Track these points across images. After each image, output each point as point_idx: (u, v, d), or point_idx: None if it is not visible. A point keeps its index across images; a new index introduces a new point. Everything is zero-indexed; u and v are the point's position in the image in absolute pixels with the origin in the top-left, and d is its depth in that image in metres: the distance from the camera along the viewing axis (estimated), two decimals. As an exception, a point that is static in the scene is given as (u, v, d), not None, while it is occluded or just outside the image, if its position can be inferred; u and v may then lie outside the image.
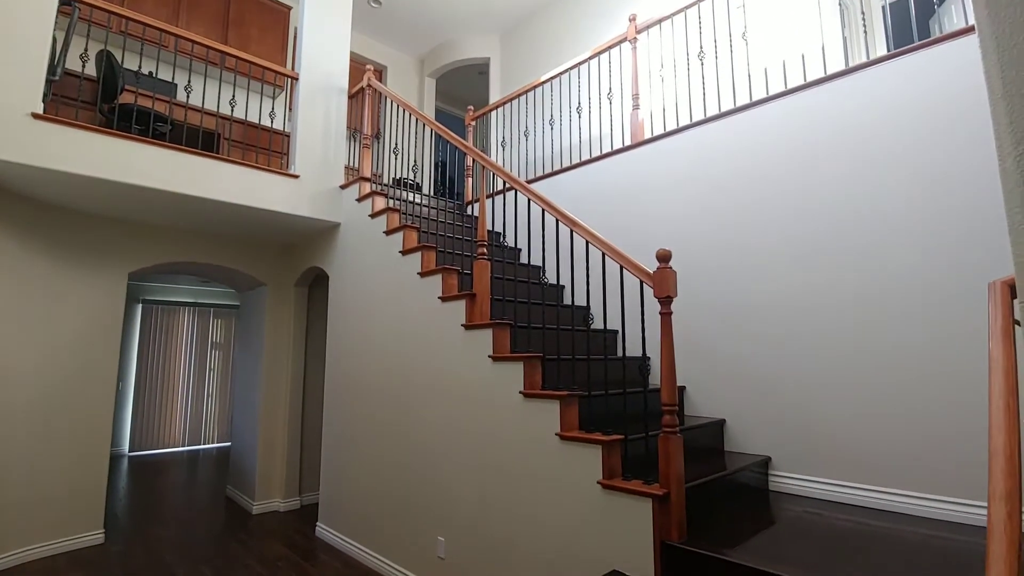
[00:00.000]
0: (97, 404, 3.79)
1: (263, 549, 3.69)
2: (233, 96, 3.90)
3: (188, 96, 3.75)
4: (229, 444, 5.48)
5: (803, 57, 2.93)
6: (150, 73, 4.34)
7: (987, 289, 1.44)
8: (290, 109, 4.24)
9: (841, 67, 2.70)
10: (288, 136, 4.24)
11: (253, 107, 4.70)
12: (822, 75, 2.73)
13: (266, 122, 4.80)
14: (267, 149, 4.22)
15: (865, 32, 2.97)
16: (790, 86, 2.84)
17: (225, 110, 4.36)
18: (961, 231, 2.22)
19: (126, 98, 3.94)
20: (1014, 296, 1.37)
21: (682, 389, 3.04)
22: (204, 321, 7.61)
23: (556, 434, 2.30)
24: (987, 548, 0.89)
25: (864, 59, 2.64)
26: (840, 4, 3.31)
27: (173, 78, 3.93)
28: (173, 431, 7.24)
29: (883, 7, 3.90)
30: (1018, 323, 1.27)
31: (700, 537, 1.97)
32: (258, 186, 3.73)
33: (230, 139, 4.31)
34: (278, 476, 4.59)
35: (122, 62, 3.59)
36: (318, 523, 3.95)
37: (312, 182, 4.04)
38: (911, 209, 2.36)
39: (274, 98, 4.69)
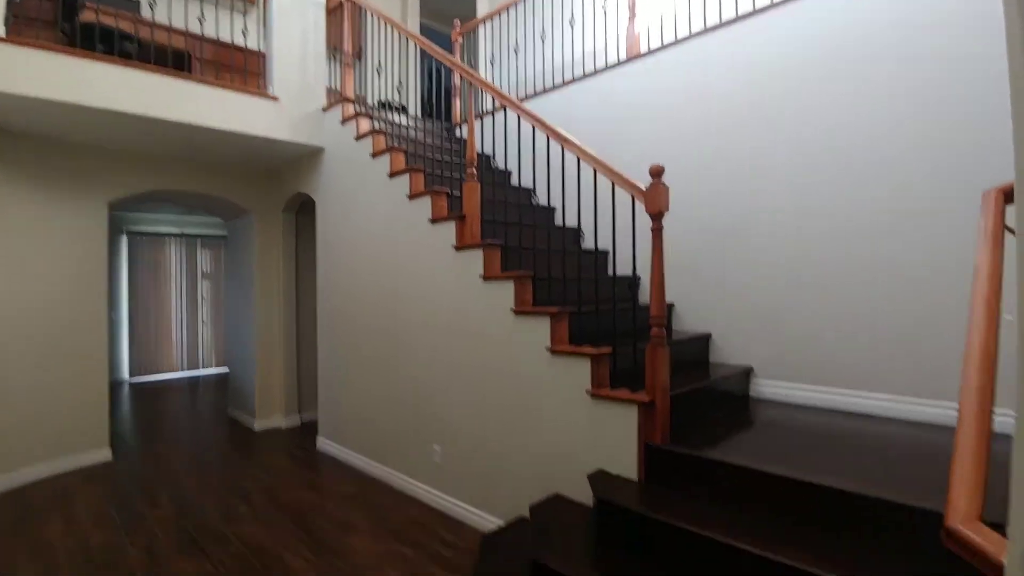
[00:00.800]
0: (91, 329, 3.82)
1: (267, 460, 3.89)
2: (201, 12, 3.65)
3: (153, 12, 3.50)
4: (227, 370, 5.60)
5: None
6: (110, -15, 4.02)
7: (981, 198, 1.46)
8: (264, 26, 3.99)
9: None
10: (264, 56, 4.01)
11: (225, 24, 4.41)
12: (826, -22, 2.59)
13: (239, 40, 4.52)
14: (242, 70, 4.01)
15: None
16: (791, -8, 2.70)
17: (194, 28, 4.09)
18: (946, 144, 2.21)
19: (87, 16, 3.67)
20: (1008, 201, 1.40)
21: (671, 306, 3.12)
22: (191, 251, 7.54)
23: (547, 348, 2.38)
24: (956, 440, 0.92)
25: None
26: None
27: (135, -10, 3.65)
28: (171, 358, 7.38)
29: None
30: (1010, 230, 1.30)
31: (683, 440, 2.10)
32: (235, 109, 3.58)
33: (202, 59, 4.09)
34: (277, 395, 4.74)
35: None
36: (318, 436, 4.14)
37: (292, 104, 3.88)
38: (901, 124, 2.34)
39: (245, 14, 4.39)
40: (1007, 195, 1.40)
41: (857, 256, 2.46)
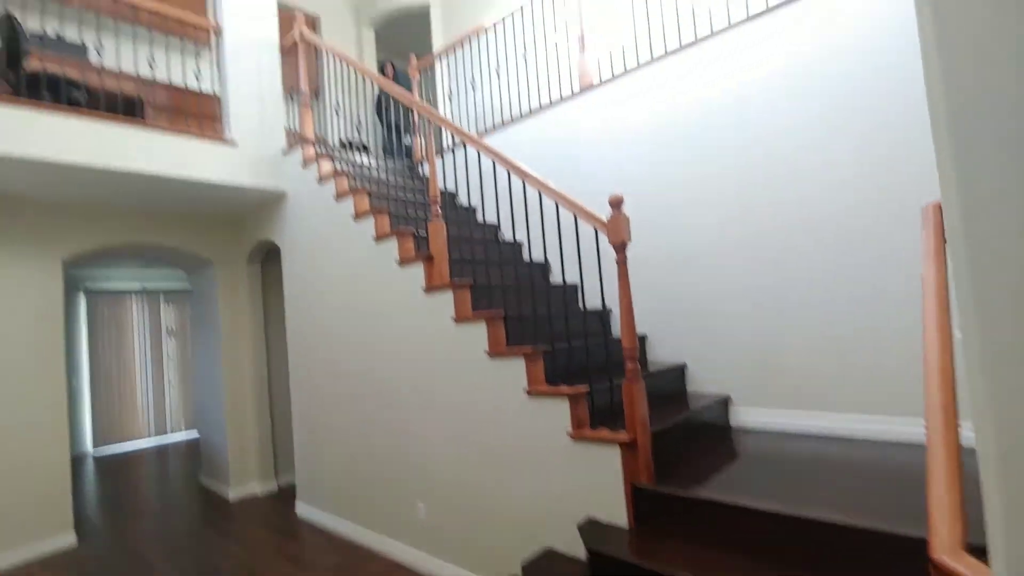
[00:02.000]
0: (48, 402, 3.56)
1: (244, 533, 3.65)
2: (151, 55, 3.57)
3: (101, 57, 3.41)
4: (196, 433, 5.33)
5: (751, -12, 2.85)
6: (57, 36, 3.92)
7: (920, 212, 1.45)
8: (218, 68, 3.92)
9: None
10: (219, 99, 3.94)
11: (176, 68, 4.33)
12: (763, 8, 2.66)
13: (192, 84, 4.44)
14: (197, 114, 3.91)
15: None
16: (733, 22, 2.76)
17: (145, 72, 3.99)
18: (895, 160, 2.25)
19: (33, 65, 3.55)
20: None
21: (643, 338, 3.07)
22: (155, 307, 7.26)
23: (524, 389, 2.29)
24: (927, 458, 0.92)
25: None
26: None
27: (81, 39, 3.55)
28: (137, 424, 6.99)
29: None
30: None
31: (669, 477, 2.02)
32: (192, 155, 3.48)
33: (155, 105, 3.99)
34: (252, 459, 4.50)
35: (22, 23, 3.21)
36: (297, 501, 3.92)
37: (250, 148, 3.79)
38: (850, 142, 2.37)
39: (197, 57, 4.32)
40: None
41: (824, 277, 2.46)
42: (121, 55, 3.95)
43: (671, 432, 2.26)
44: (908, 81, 2.22)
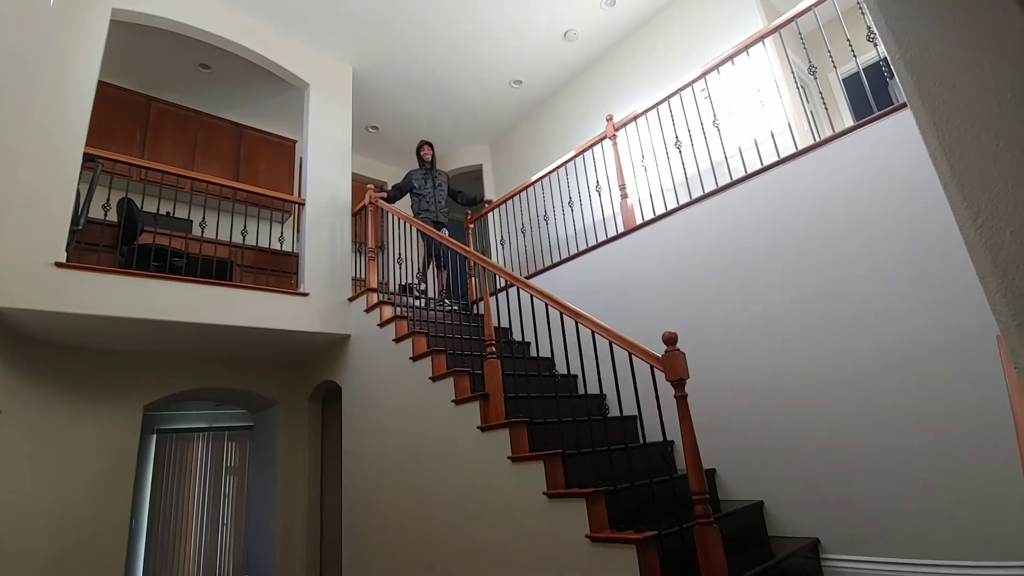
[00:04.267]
0: (109, 545, 3.65)
1: None
2: (244, 226, 4.14)
3: (203, 231, 3.99)
4: (246, 577, 5.18)
5: (772, 134, 3.13)
6: (167, 213, 4.65)
7: (996, 342, 1.44)
8: (298, 231, 4.48)
9: (809, 143, 2.87)
10: (297, 256, 4.44)
11: (264, 233, 4.97)
12: (793, 151, 2.89)
13: (275, 246, 5.05)
14: (277, 271, 4.41)
15: (826, 107, 3.19)
16: (765, 163, 3.00)
17: (237, 239, 4.61)
18: (960, 286, 2.24)
19: (145, 238, 4.19)
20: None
21: (712, 471, 2.92)
22: (219, 445, 7.47)
23: (586, 536, 2.18)
24: None
25: (830, 132, 2.81)
26: (798, 85, 3.58)
27: (189, 215, 4.19)
28: (188, 567, 6.86)
29: (840, 82, 4.20)
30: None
31: (756, 641, 1.81)
32: (270, 307, 3.85)
33: (243, 265, 4.52)
34: (299, 608, 4.29)
35: (141, 206, 3.86)
36: (342, 660, 3.63)
37: (321, 298, 4.17)
38: (911, 270, 2.40)
39: (283, 223, 4.97)
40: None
41: (906, 410, 2.33)
42: (219, 226, 4.59)
43: (754, 584, 2.05)
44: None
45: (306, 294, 4.08)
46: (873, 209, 2.53)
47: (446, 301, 4.59)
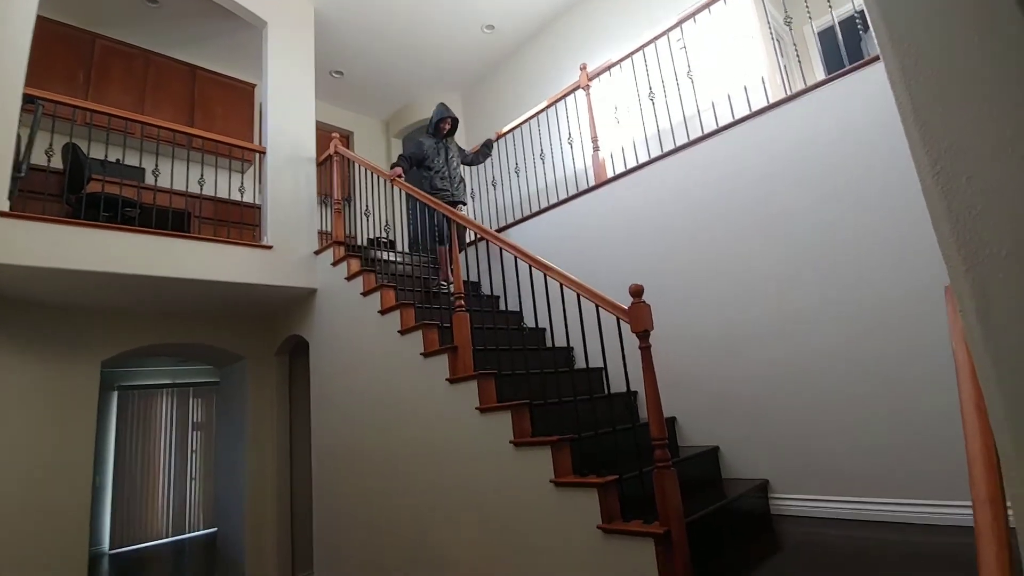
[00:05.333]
0: (72, 502, 3.60)
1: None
2: (202, 175, 3.95)
3: (156, 179, 3.78)
4: (215, 529, 5.23)
5: (745, 89, 3.11)
6: (117, 160, 4.38)
7: (944, 293, 1.49)
8: (260, 182, 4.30)
9: (781, 96, 2.85)
10: (259, 208, 4.28)
11: (223, 183, 4.75)
12: (764, 105, 2.88)
13: (236, 196, 4.85)
14: (239, 223, 4.24)
15: (799, 61, 3.17)
16: (738, 116, 2.98)
17: (194, 189, 4.40)
18: (914, 241, 2.31)
19: (93, 186, 3.95)
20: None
21: (673, 420, 3.03)
22: (184, 401, 7.39)
23: (551, 481, 2.25)
24: (978, 551, 0.90)
25: (802, 86, 2.79)
26: (773, 37, 3.53)
27: (141, 163, 3.96)
28: (156, 522, 6.88)
29: (815, 35, 4.16)
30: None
31: (707, 573, 1.92)
32: (232, 260, 3.73)
33: (200, 216, 4.33)
34: (270, 557, 4.37)
35: (88, 152, 3.63)
36: (316, 603, 3.75)
37: (286, 251, 4.05)
38: (869, 226, 2.45)
39: (243, 172, 4.76)
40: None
41: (858, 357, 2.43)
42: (174, 175, 4.36)
43: (706, 522, 2.16)
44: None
45: (269, 247, 3.96)
46: (837, 164, 2.55)
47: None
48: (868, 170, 2.46)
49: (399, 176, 3.80)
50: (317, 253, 4.15)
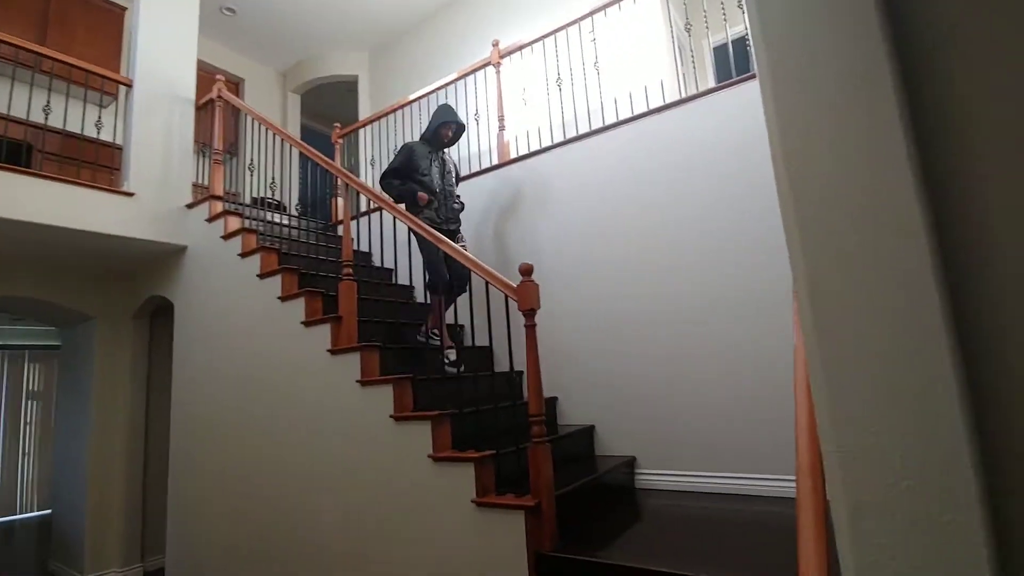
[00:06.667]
0: None
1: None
2: (48, 103, 3.37)
3: (-14, 100, 3.17)
4: (50, 511, 4.61)
5: (645, 88, 3.24)
6: (-67, 72, 3.61)
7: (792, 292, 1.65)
8: (124, 119, 3.77)
9: (677, 97, 3.01)
10: (121, 148, 3.75)
11: (76, 115, 4.10)
12: (662, 103, 3.02)
13: (92, 134, 4.22)
14: (94, 163, 3.68)
15: (695, 68, 3.36)
16: (636, 112, 3.10)
17: (38, 119, 3.74)
18: (778, 245, 2.55)
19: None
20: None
21: (554, 399, 3.13)
22: (17, 366, 6.40)
23: (429, 456, 2.23)
24: (797, 518, 0.98)
25: (695, 91, 2.97)
26: (675, 44, 3.71)
27: (-36, 79, 3.29)
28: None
29: (711, 50, 4.45)
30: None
31: (573, 542, 2.01)
32: (83, 205, 3.25)
33: (45, 152, 3.72)
34: (114, 541, 3.93)
35: None
36: (166, 588, 3.44)
37: (151, 201, 3.61)
38: (747, 221, 2.67)
39: (103, 106, 4.13)
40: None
41: (721, 342, 2.66)
42: (14, 100, 3.69)
43: (576, 495, 2.27)
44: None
45: (131, 194, 3.50)
46: (719, 165, 2.75)
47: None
48: (744, 172, 2.67)
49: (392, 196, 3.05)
50: (190, 207, 3.74)
